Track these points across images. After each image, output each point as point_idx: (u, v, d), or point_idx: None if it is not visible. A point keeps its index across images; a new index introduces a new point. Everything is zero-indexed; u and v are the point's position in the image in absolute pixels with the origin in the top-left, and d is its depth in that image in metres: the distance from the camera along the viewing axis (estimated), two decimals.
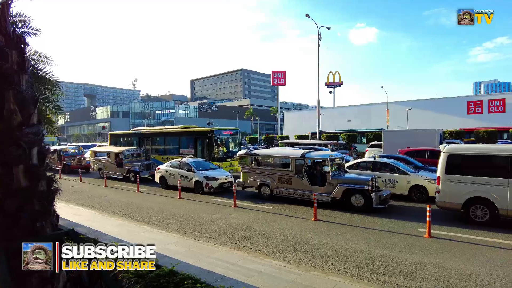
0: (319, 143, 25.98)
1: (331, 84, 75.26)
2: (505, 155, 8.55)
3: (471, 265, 6.25)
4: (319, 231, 8.67)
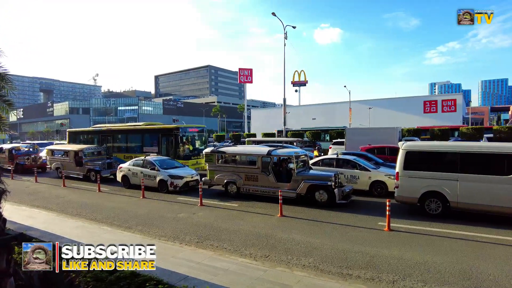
0: (285, 141, 26.33)
1: (297, 83, 76.40)
2: (455, 152, 9.18)
3: (425, 254, 6.63)
4: (285, 227, 8.80)
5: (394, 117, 52.08)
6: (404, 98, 61.01)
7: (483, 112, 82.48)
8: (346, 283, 5.36)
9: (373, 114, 55.03)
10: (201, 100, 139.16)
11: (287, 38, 32.91)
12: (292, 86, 78.00)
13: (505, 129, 33.41)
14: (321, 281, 5.43)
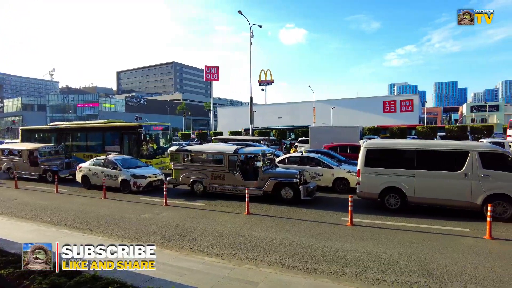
0: (252, 139, 26.44)
1: (263, 82, 76.94)
2: (412, 149, 9.74)
3: (385, 247, 6.97)
4: (252, 225, 8.85)
5: (356, 116, 54.09)
6: (365, 98, 63.54)
7: (437, 112, 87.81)
8: (311, 278, 5.50)
9: (336, 113, 56.80)
10: (166, 97, 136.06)
11: (253, 37, 33.06)
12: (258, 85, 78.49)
13: (455, 128, 35.92)
14: (287, 276, 5.53)
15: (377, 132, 34.61)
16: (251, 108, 32.16)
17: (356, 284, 5.29)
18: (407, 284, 5.32)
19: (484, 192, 8.69)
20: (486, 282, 5.34)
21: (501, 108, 69.11)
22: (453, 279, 5.46)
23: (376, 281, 5.46)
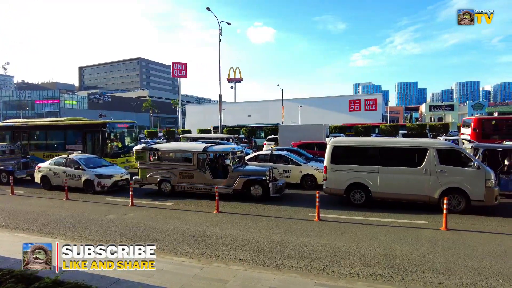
0: (222, 137, 26.28)
1: (232, 80, 76.63)
2: (376, 147, 10.15)
3: (351, 241, 7.22)
4: (221, 223, 8.83)
5: (322, 115, 55.38)
6: (332, 97, 65.18)
7: (399, 111, 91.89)
8: (280, 273, 5.59)
9: (304, 112, 57.80)
10: (131, 94, 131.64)
11: (222, 34, 32.83)
12: (227, 83, 78.09)
13: (416, 126, 37.85)
14: (257, 273, 5.58)
15: (342, 130, 35.64)
16: (220, 106, 31.97)
17: (323, 278, 5.44)
18: (372, 276, 5.55)
19: (441, 186, 9.25)
20: (441, 270, 5.70)
21: (455, 108, 73.66)
22: (413, 269, 5.77)
23: (343, 274, 5.65)
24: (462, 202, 9.17)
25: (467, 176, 9.10)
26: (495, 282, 5.28)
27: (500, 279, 5.39)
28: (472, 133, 22.42)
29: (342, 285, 5.08)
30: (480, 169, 9.05)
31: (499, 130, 22.62)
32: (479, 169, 9.05)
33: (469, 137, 22.21)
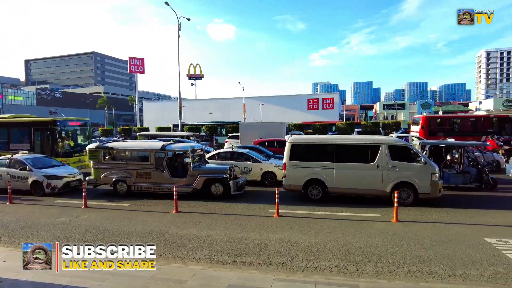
0: (182, 135, 25.77)
1: (193, 76, 75.33)
2: (331, 143, 10.55)
3: (309, 235, 7.42)
4: (180, 223, 8.66)
5: (283, 113, 56.36)
6: (291, 96, 66.56)
7: (355, 109, 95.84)
8: (240, 271, 5.61)
9: (265, 110, 58.39)
10: (85, 90, 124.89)
11: (181, 30, 32.13)
12: (188, 80, 76.68)
13: (370, 124, 39.86)
14: (216, 271, 5.55)
15: (301, 128, 36.54)
16: (179, 103, 31.30)
17: (282, 273, 5.54)
18: (328, 269, 5.75)
19: (392, 181, 9.81)
20: (392, 260, 6.04)
21: (406, 107, 78.26)
22: (366, 260, 6.06)
23: (300, 268, 5.79)
24: (411, 195, 9.79)
25: (416, 171, 9.73)
26: (437, 267, 5.71)
27: (442, 264, 5.83)
28: (420, 131, 23.97)
29: (299, 279, 5.21)
30: (426, 164, 9.72)
31: (443, 128, 24.41)
32: (425, 164, 9.72)
33: (418, 134, 23.75)
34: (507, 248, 6.56)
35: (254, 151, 14.74)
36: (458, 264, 5.85)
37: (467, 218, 8.77)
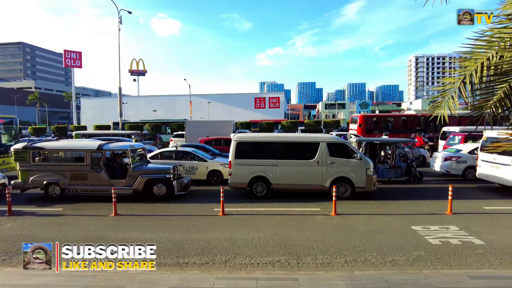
0: (122, 134, 24.56)
1: (135, 72, 71.91)
2: (275, 141, 10.84)
3: (253, 232, 7.52)
4: (119, 226, 8.24)
5: (230, 111, 56.32)
6: (239, 94, 66.74)
7: (299, 108, 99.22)
8: (181, 272, 5.49)
9: (212, 108, 57.80)
10: (13, 84, 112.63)
11: (122, 23, 30.50)
12: (130, 75, 73.03)
13: (313, 122, 41.60)
14: (157, 275, 5.37)
15: (248, 126, 36.91)
16: (120, 99, 29.69)
17: (224, 271, 5.54)
18: (270, 264, 5.88)
19: (331, 176, 10.33)
20: (330, 252, 6.37)
21: (346, 106, 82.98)
22: (307, 253, 6.31)
23: (244, 265, 5.84)
24: (348, 189, 10.41)
25: (352, 166, 10.36)
26: (371, 256, 6.14)
27: (374, 253, 6.29)
28: (358, 129, 25.60)
29: (241, 276, 5.26)
30: (362, 160, 10.40)
31: (378, 126, 26.33)
32: (361, 160, 10.39)
33: (356, 132, 25.32)
34: (429, 234, 7.27)
35: (200, 149, 14.54)
36: (388, 252, 6.35)
37: (397, 209, 9.56)
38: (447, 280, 5.06)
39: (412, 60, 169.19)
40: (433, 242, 6.79)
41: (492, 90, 2.86)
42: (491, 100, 2.87)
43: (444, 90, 3.40)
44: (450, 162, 13.81)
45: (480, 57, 3.09)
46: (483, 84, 3.06)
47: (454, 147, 15.23)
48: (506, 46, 2.87)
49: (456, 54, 3.51)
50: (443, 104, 3.33)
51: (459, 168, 13.68)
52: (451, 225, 7.84)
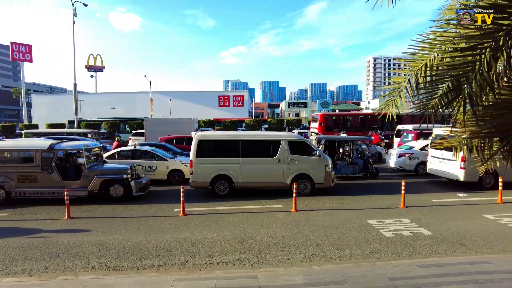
0: (78, 133, 23.31)
1: (92, 68, 68.52)
2: (237, 140, 10.82)
3: (214, 231, 7.45)
4: (72, 230, 7.79)
5: (194, 109, 55.37)
6: (203, 92, 65.94)
7: (263, 107, 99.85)
8: (138, 275, 5.31)
9: (175, 106, 56.51)
10: None
11: (77, 15, 28.94)
12: (87, 71, 69.42)
13: (276, 121, 42.10)
14: (112, 279, 5.14)
15: (212, 125, 36.54)
16: (75, 96, 28.21)
17: (183, 272, 5.43)
18: (230, 262, 5.85)
19: (292, 173, 10.52)
20: (290, 247, 6.47)
21: (308, 105, 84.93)
22: (267, 250, 6.36)
23: (203, 265, 5.76)
24: (308, 185, 10.65)
25: (312, 164, 10.61)
26: (328, 250, 6.32)
27: (332, 247, 6.48)
28: (318, 127, 26.27)
29: (200, 277, 5.18)
30: (321, 157, 10.68)
31: (338, 124, 27.20)
32: (320, 157, 10.67)
33: (317, 130, 25.97)
34: (383, 227, 7.63)
35: (160, 148, 14.14)
36: (345, 246, 6.58)
37: (354, 204, 9.93)
38: (398, 270, 5.33)
39: (371, 61, 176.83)
40: (387, 235, 7.13)
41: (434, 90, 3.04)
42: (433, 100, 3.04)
43: (392, 89, 3.57)
44: (404, 159, 14.59)
45: (424, 59, 3.26)
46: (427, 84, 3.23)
47: (407, 144, 16.10)
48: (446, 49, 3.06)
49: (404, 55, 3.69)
50: (392, 103, 3.49)
51: (411, 164, 14.50)
52: (404, 218, 8.29)
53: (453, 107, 2.86)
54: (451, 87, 2.75)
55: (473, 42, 2.69)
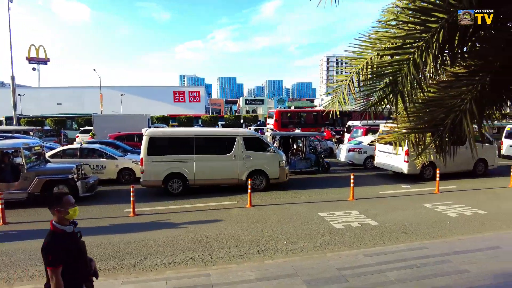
0: (17, 130, 21.41)
1: (34, 60, 63.38)
2: (192, 136, 10.61)
3: (166, 232, 7.25)
4: (9, 236, 7.15)
5: (147, 105, 53.46)
6: (157, 87, 63.75)
7: (220, 103, 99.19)
8: None
9: (126, 101, 54.09)
10: None
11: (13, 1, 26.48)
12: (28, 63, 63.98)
13: (233, 117, 42.07)
14: None
15: (166, 121, 35.57)
16: (13, 90, 25.85)
17: (132, 275, 5.22)
18: (183, 262, 5.74)
19: (247, 169, 10.57)
20: (244, 243, 6.50)
21: (265, 102, 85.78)
22: (221, 247, 6.33)
23: (154, 266, 5.59)
24: (263, 181, 10.77)
25: (267, 159, 10.74)
26: (281, 244, 6.44)
27: (285, 241, 6.61)
28: (274, 123, 26.67)
29: (150, 278, 5.02)
30: (275, 153, 10.84)
31: (293, 121, 27.83)
32: (274, 153, 10.83)
33: (273, 126, 26.35)
34: (334, 219, 7.94)
35: (109, 146, 13.45)
36: (297, 239, 6.74)
37: (307, 197, 10.22)
38: (346, 260, 5.58)
39: (324, 60, 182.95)
40: (337, 227, 7.43)
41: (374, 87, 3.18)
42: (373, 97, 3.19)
43: (336, 87, 3.69)
44: (353, 153, 15.30)
45: (366, 57, 3.40)
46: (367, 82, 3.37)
47: (356, 139, 16.90)
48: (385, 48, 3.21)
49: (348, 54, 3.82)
50: (336, 100, 3.60)
51: (360, 158, 15.25)
52: (352, 210, 8.69)
53: (387, 104, 3.02)
54: (387, 82, 2.90)
55: (405, 43, 2.86)
